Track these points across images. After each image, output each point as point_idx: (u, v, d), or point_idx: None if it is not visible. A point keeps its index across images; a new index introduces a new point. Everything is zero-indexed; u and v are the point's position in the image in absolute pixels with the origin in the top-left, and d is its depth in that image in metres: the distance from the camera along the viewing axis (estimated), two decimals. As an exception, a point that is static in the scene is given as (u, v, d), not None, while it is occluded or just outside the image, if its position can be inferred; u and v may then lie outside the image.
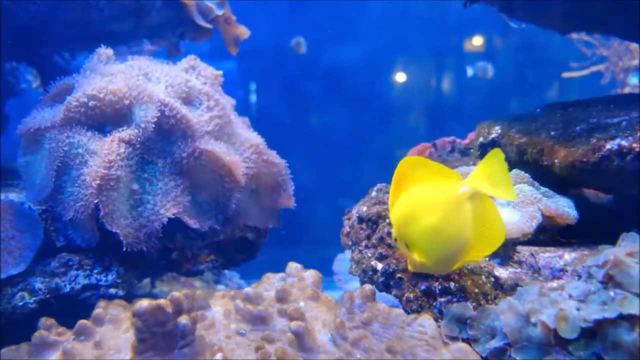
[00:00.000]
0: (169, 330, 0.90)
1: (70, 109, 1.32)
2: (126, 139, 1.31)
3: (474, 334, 1.04)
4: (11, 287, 1.26)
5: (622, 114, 1.20)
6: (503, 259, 1.16)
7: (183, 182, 1.37)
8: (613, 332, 0.87)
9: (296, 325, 0.98)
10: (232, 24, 2.08)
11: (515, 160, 1.35)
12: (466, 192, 0.93)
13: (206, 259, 1.54)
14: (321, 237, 3.09)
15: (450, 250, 0.97)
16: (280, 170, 1.57)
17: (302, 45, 3.62)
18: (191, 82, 1.48)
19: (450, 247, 0.97)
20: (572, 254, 1.10)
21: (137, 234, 1.30)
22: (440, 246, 0.98)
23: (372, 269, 1.32)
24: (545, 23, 1.89)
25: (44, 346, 1.07)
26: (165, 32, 2.07)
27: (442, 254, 0.98)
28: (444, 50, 4.58)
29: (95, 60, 1.49)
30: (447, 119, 4.41)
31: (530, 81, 4.50)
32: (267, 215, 1.60)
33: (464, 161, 1.60)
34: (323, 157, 4.37)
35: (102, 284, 1.33)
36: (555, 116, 1.38)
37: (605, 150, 1.10)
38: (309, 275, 1.21)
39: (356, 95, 4.44)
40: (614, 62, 3.38)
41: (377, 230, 1.39)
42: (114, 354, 1.04)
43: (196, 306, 1.14)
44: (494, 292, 1.09)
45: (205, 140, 1.38)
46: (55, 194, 1.30)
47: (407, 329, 1.04)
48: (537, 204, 1.17)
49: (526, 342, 0.94)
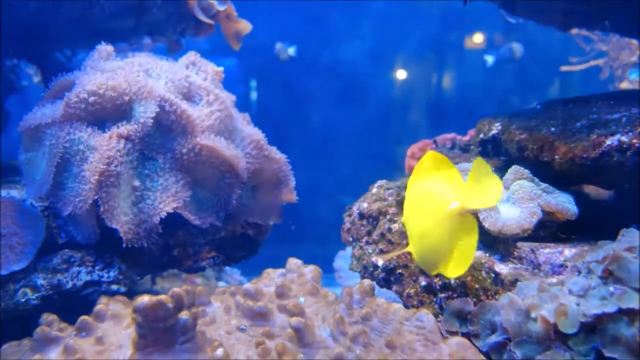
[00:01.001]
0: (170, 325, 0.91)
1: (71, 105, 1.32)
2: (125, 135, 1.31)
3: (474, 329, 1.04)
4: (13, 284, 1.26)
5: (622, 110, 1.20)
6: (503, 255, 1.16)
7: (183, 178, 1.37)
8: (612, 327, 0.87)
9: (296, 321, 0.99)
10: (234, 20, 2.08)
11: (515, 156, 1.35)
12: (454, 208, 0.96)
13: (207, 255, 1.54)
14: (321, 234, 3.09)
15: (432, 257, 1.02)
16: (282, 166, 1.57)
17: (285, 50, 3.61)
18: (192, 78, 1.48)
19: (432, 254, 1.02)
20: (572, 250, 1.10)
21: (137, 230, 1.30)
22: (425, 250, 1.04)
23: (373, 265, 1.32)
24: (545, 19, 1.89)
25: (45, 342, 1.07)
26: (166, 28, 2.07)
27: (425, 258, 1.05)
28: (445, 47, 4.58)
29: (95, 56, 1.49)
30: (447, 116, 4.40)
31: (531, 78, 4.50)
32: (269, 211, 1.61)
33: (464, 157, 1.60)
34: (323, 154, 4.37)
35: (104, 281, 1.33)
36: (556, 112, 1.38)
37: (606, 146, 1.10)
38: (309, 270, 1.21)
39: (356, 92, 4.44)
40: (612, 57, 3.38)
41: (378, 226, 1.39)
42: (116, 349, 1.04)
43: (197, 302, 1.15)
44: (494, 287, 1.10)
45: (205, 136, 1.38)
46: (56, 190, 1.31)
47: (406, 324, 1.04)
48: (537, 200, 1.17)
49: (526, 336, 0.95)
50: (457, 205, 0.96)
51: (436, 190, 1.00)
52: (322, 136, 4.41)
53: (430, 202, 1.02)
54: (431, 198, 1.01)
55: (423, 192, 1.04)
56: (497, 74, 4.34)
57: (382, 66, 4.57)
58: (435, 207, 1.00)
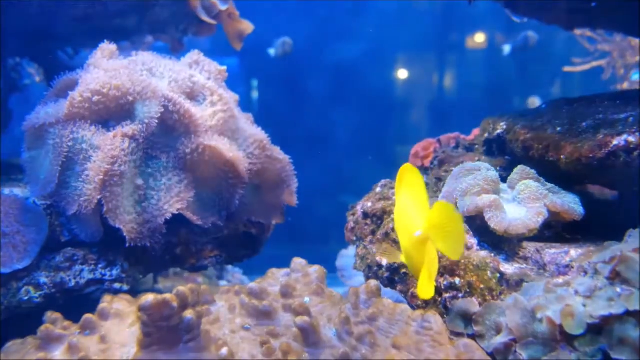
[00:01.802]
0: (175, 324, 0.90)
1: (74, 104, 1.32)
2: (130, 134, 1.30)
3: (480, 329, 1.04)
4: (17, 282, 1.26)
5: (629, 110, 1.20)
6: (508, 255, 1.15)
7: (187, 178, 1.37)
8: (619, 328, 0.87)
9: (301, 321, 0.98)
10: (236, 19, 2.08)
11: (520, 156, 1.35)
12: (419, 236, 1.00)
13: (210, 254, 1.54)
14: (323, 234, 3.09)
15: (412, 271, 1.08)
16: (284, 166, 1.57)
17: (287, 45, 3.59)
18: (195, 77, 1.48)
19: (410, 266, 1.08)
20: (578, 250, 1.10)
21: (140, 230, 1.30)
22: (407, 263, 1.09)
23: (377, 265, 1.32)
24: (549, 19, 1.89)
25: (49, 340, 1.07)
26: (169, 27, 2.06)
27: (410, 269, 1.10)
28: (447, 47, 4.58)
29: (98, 55, 1.48)
30: (450, 116, 4.40)
31: (533, 78, 4.50)
32: (271, 210, 1.60)
33: (468, 157, 1.59)
34: (325, 154, 4.36)
35: (106, 279, 1.33)
36: (561, 112, 1.38)
37: (612, 146, 1.10)
38: (314, 270, 1.20)
39: (359, 92, 4.44)
40: (615, 58, 3.37)
41: (382, 225, 1.39)
42: (120, 348, 1.04)
43: (201, 301, 1.14)
44: (499, 288, 1.09)
45: (209, 136, 1.38)
46: (60, 189, 1.30)
47: (413, 325, 1.03)
48: (543, 200, 1.16)
49: (532, 338, 0.94)
50: (421, 233, 0.99)
51: (408, 212, 1.05)
52: (324, 135, 4.40)
53: (404, 221, 1.07)
54: (405, 218, 1.06)
55: (400, 210, 1.09)
56: (499, 74, 4.34)
57: (384, 65, 4.56)
58: (407, 228, 1.04)
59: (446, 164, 1.61)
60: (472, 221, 1.22)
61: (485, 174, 1.24)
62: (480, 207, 1.16)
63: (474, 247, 1.19)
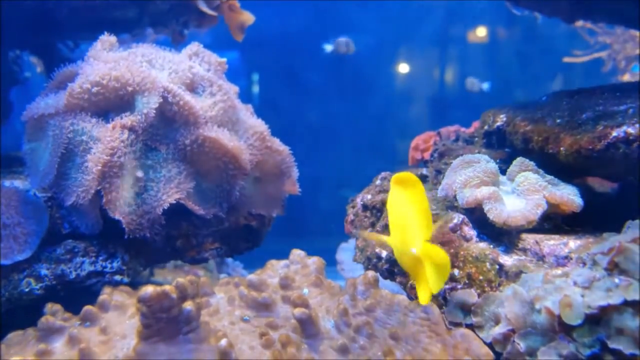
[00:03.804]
0: (174, 316, 0.91)
1: (74, 95, 1.32)
2: (128, 126, 1.30)
3: (478, 320, 1.04)
4: (17, 273, 1.27)
5: (629, 102, 1.20)
6: (507, 247, 1.16)
7: (186, 169, 1.37)
8: (617, 319, 0.87)
9: (300, 312, 0.99)
10: (237, 11, 2.07)
11: (520, 148, 1.35)
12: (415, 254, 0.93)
13: (210, 246, 1.54)
14: (323, 227, 3.09)
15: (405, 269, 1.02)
16: (285, 158, 1.57)
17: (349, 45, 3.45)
18: (195, 68, 1.48)
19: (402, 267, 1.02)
20: (576, 242, 1.10)
21: (140, 221, 1.30)
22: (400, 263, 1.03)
23: (377, 256, 1.32)
24: (550, 11, 1.88)
25: (50, 331, 1.07)
26: (169, 19, 2.06)
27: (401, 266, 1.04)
28: (448, 40, 4.56)
29: (98, 47, 1.48)
30: (450, 109, 4.39)
31: (534, 71, 4.48)
32: (271, 202, 1.60)
33: (468, 149, 1.59)
34: (326, 147, 4.36)
35: (107, 271, 1.33)
36: (561, 104, 1.37)
37: (612, 137, 1.09)
38: (313, 262, 1.21)
39: (360, 85, 4.43)
40: (616, 50, 3.36)
41: (382, 217, 1.39)
42: (120, 339, 1.04)
43: (200, 292, 1.14)
44: (498, 279, 1.09)
45: (208, 127, 1.38)
46: (59, 181, 1.31)
47: (410, 315, 1.04)
48: (543, 192, 1.16)
49: (530, 328, 0.95)
50: (415, 252, 0.93)
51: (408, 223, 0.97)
52: (325, 129, 4.40)
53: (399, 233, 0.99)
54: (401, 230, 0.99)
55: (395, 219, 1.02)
56: (500, 68, 4.32)
57: (385, 59, 4.55)
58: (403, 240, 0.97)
59: (446, 156, 1.61)
60: (471, 213, 1.22)
61: (484, 166, 1.24)
62: (479, 199, 1.16)
63: (473, 238, 1.19)
